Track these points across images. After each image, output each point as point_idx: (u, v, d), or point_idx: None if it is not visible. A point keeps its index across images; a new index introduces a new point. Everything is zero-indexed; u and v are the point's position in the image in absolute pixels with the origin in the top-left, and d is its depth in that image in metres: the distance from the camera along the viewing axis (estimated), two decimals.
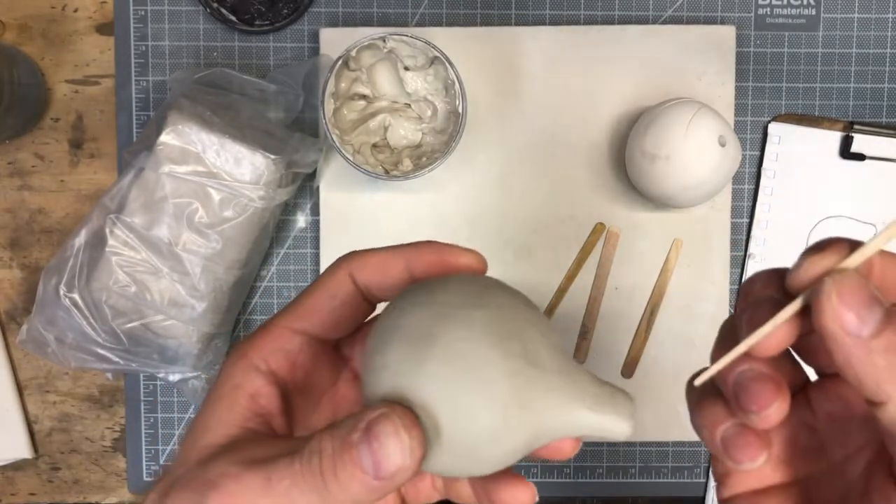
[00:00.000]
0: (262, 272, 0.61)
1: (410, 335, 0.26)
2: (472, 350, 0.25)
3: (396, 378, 0.25)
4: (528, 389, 0.26)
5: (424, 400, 0.25)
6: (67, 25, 0.61)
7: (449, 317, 0.26)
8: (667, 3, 0.60)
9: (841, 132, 0.60)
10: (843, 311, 0.23)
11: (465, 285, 0.27)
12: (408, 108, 0.58)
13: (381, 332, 0.26)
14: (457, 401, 0.25)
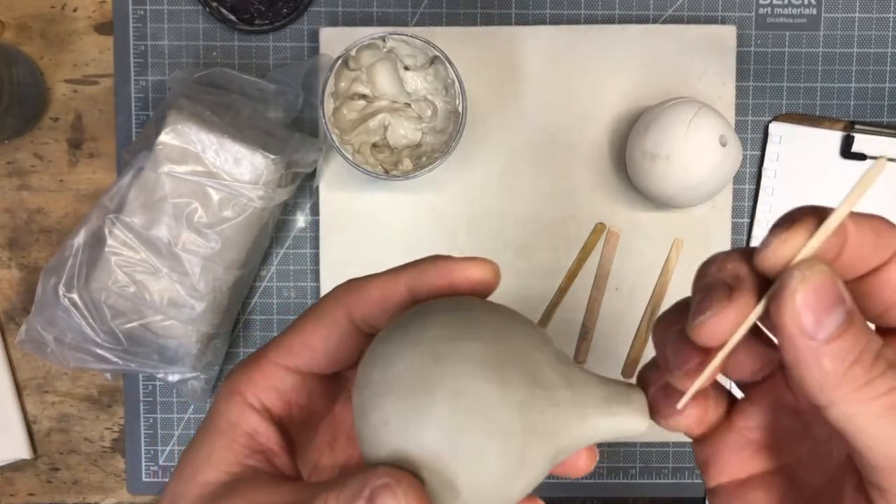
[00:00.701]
0: (262, 272, 0.61)
1: (406, 385, 0.24)
2: (474, 390, 0.24)
3: (398, 436, 0.24)
4: (539, 415, 0.24)
5: (432, 455, 0.23)
6: (67, 25, 0.61)
7: (442, 356, 0.24)
8: (667, 3, 0.60)
9: (842, 132, 0.60)
10: (803, 312, 0.22)
11: (450, 315, 0.25)
12: (408, 108, 0.58)
13: (374, 384, 0.25)
14: (468, 449, 0.23)
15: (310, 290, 0.61)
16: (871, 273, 0.25)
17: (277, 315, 0.61)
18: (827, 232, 0.23)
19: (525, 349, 0.25)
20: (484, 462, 0.23)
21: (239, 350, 0.61)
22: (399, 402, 0.24)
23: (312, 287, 0.61)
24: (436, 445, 0.23)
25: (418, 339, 0.25)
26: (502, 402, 0.24)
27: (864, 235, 0.24)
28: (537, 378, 0.25)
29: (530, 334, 0.26)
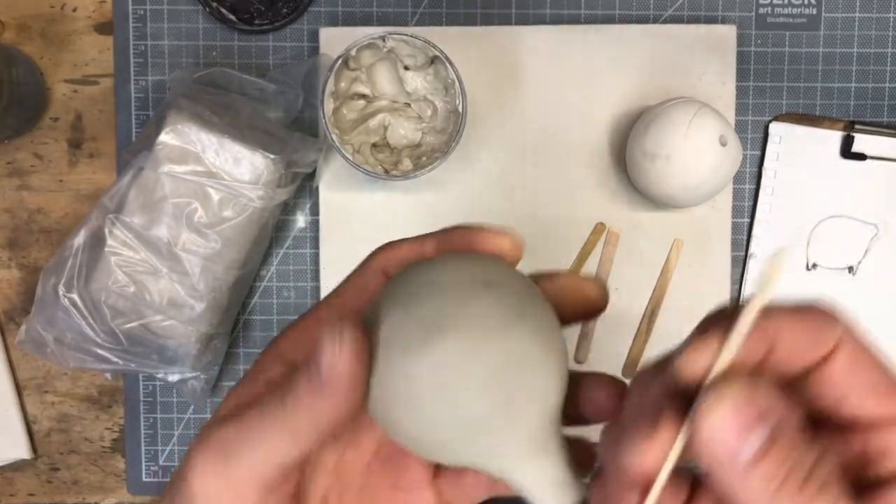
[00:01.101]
0: (262, 272, 0.61)
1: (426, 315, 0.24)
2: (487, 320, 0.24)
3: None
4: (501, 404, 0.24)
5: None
6: (66, 25, 0.61)
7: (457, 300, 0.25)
8: (667, 3, 0.60)
9: (842, 132, 0.60)
10: (722, 435, 0.21)
11: (472, 264, 0.26)
12: (407, 108, 0.58)
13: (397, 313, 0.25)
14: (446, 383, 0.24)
15: (310, 290, 0.61)
16: (814, 367, 0.23)
17: (277, 315, 0.61)
18: (738, 339, 0.22)
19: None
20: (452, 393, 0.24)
21: (239, 350, 0.61)
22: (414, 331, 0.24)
23: (312, 287, 0.61)
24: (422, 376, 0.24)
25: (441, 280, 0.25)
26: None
27: (797, 331, 0.23)
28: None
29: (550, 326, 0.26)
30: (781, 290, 0.22)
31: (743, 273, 0.61)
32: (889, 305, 0.60)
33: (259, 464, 0.25)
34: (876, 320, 0.60)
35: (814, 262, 0.60)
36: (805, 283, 0.60)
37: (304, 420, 0.25)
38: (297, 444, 0.25)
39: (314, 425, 0.25)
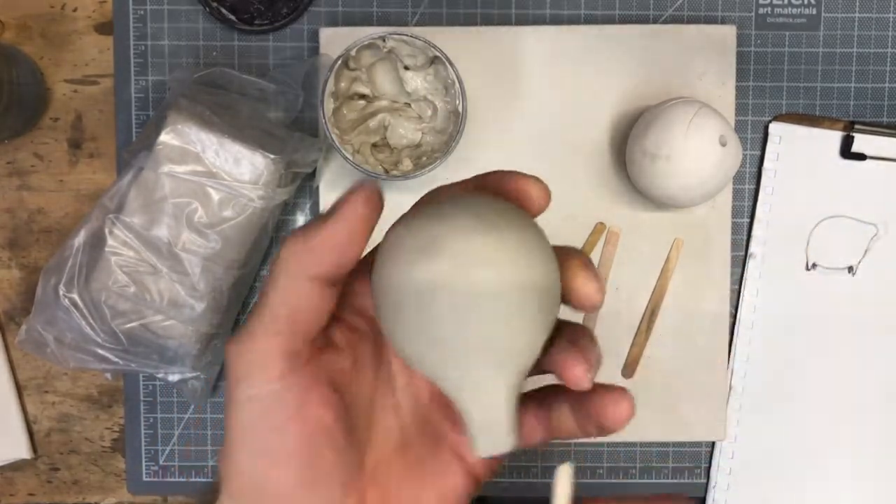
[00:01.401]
0: (262, 272, 0.61)
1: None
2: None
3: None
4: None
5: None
6: (66, 25, 0.61)
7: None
8: (667, 3, 0.60)
9: (842, 132, 0.60)
10: None
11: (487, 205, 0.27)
12: (408, 108, 0.58)
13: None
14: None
15: None
16: None
17: None
18: None
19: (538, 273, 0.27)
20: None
21: None
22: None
23: None
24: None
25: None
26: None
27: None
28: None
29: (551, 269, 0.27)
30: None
31: (743, 273, 0.61)
32: (889, 305, 0.60)
33: (274, 322, 0.27)
34: (876, 320, 0.60)
35: (813, 262, 0.60)
36: (805, 283, 0.61)
37: (317, 250, 0.27)
38: (309, 282, 0.27)
39: (326, 256, 0.27)
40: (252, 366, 0.27)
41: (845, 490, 0.61)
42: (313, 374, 0.28)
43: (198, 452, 0.62)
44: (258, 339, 0.27)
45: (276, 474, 0.27)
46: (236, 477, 0.28)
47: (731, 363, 0.61)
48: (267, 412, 0.27)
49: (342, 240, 0.27)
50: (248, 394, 0.27)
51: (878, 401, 0.61)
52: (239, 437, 0.27)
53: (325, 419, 0.28)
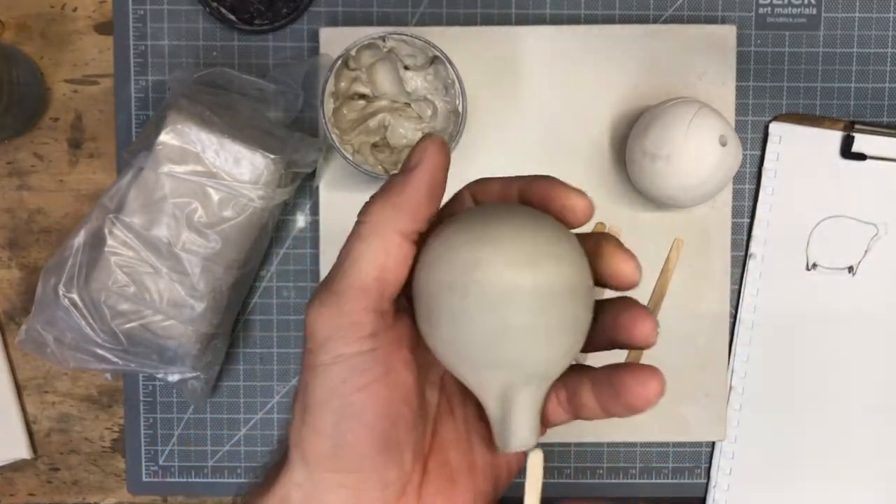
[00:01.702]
0: (262, 272, 0.61)
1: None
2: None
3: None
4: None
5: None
6: (66, 25, 0.61)
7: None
8: (667, 3, 0.60)
9: (842, 132, 0.60)
10: None
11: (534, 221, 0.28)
12: (407, 108, 0.58)
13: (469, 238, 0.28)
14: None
15: (309, 290, 0.61)
16: None
17: (277, 315, 0.61)
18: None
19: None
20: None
21: (239, 350, 0.61)
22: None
23: (312, 287, 0.61)
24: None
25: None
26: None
27: None
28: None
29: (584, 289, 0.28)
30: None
31: (743, 273, 0.61)
32: (889, 305, 0.60)
33: (363, 281, 0.27)
34: (876, 320, 0.60)
35: (814, 262, 0.60)
36: (805, 283, 0.60)
37: (404, 206, 0.28)
38: (399, 238, 0.28)
39: (412, 210, 0.28)
40: (341, 326, 0.27)
41: (845, 490, 0.61)
42: (397, 336, 0.29)
43: (197, 453, 0.62)
44: (347, 299, 0.27)
45: (356, 438, 0.27)
46: (316, 441, 0.28)
47: (731, 363, 0.61)
48: (354, 373, 0.27)
49: (425, 192, 0.28)
50: (334, 354, 0.27)
51: (878, 401, 0.61)
52: (323, 399, 0.27)
53: (407, 382, 0.29)
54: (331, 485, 0.28)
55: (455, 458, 0.31)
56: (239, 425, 0.62)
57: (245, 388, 0.61)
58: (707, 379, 0.60)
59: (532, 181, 0.30)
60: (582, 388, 0.30)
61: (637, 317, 0.28)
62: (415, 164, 0.29)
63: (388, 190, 0.29)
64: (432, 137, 0.29)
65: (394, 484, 0.28)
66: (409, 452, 0.29)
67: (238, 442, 0.62)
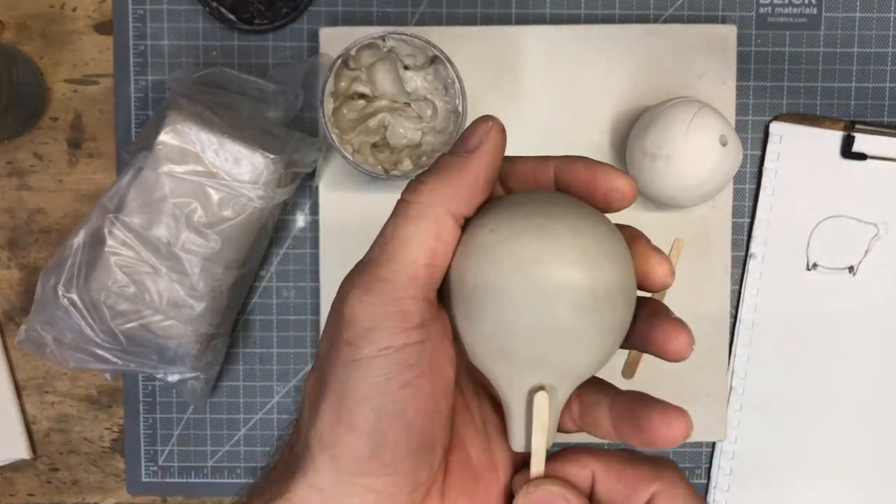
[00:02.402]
0: (262, 272, 0.61)
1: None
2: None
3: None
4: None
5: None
6: (66, 24, 0.61)
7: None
8: (668, 2, 0.60)
9: (842, 132, 0.60)
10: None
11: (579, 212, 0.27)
12: (407, 108, 0.58)
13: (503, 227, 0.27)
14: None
15: (309, 290, 0.61)
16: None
17: (277, 315, 0.61)
18: (536, 461, 0.27)
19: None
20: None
21: (239, 350, 0.61)
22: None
23: (312, 287, 0.61)
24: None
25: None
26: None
27: (611, 482, 0.27)
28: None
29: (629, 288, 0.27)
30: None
31: (743, 273, 0.61)
32: (889, 305, 0.60)
33: (412, 267, 0.26)
34: (876, 320, 0.60)
35: (814, 262, 0.60)
36: (805, 283, 0.60)
37: (460, 186, 0.26)
38: (452, 221, 0.26)
39: (469, 192, 0.26)
40: (389, 316, 0.25)
41: (845, 490, 0.61)
42: (443, 328, 0.27)
43: (197, 453, 0.62)
44: (396, 286, 0.25)
45: (396, 438, 0.25)
46: (352, 442, 0.25)
47: (731, 363, 0.61)
48: (401, 368, 0.25)
49: (485, 175, 0.27)
50: (380, 347, 0.25)
51: (878, 401, 0.61)
52: (364, 396, 0.25)
53: (449, 377, 0.27)
54: (358, 489, 0.26)
55: (475, 455, 0.29)
56: (239, 425, 0.62)
57: (245, 388, 0.61)
58: (707, 379, 0.60)
59: (570, 163, 0.28)
60: (598, 408, 0.29)
61: (672, 331, 0.27)
62: (477, 145, 0.27)
63: (444, 169, 0.26)
64: (494, 119, 0.27)
65: (422, 485, 0.27)
66: (439, 452, 0.27)
67: (238, 442, 0.62)
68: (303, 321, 0.61)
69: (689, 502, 0.26)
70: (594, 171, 0.28)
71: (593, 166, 0.28)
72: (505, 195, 0.28)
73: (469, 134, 0.27)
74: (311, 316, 0.61)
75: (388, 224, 0.26)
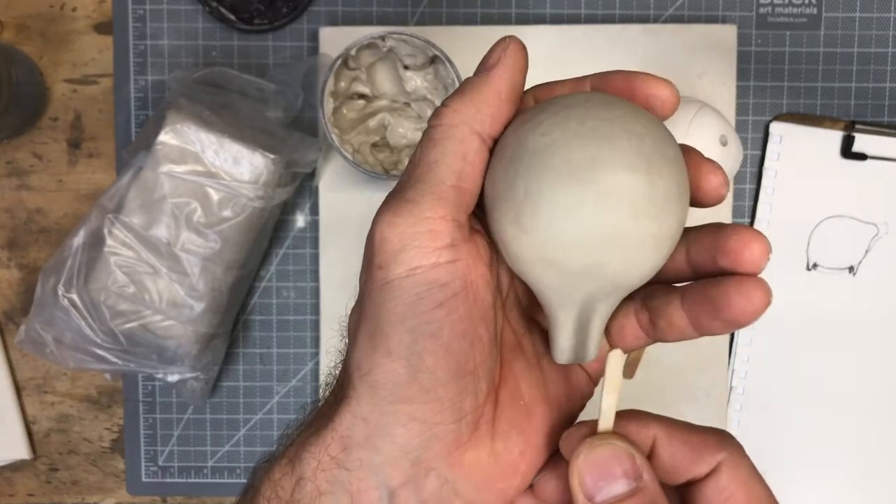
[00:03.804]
0: (261, 272, 0.61)
1: (562, 165, 0.25)
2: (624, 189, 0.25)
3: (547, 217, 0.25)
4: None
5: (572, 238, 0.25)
6: (66, 24, 0.61)
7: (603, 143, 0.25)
8: (668, 2, 0.60)
9: (842, 132, 0.60)
10: (583, 475, 0.25)
11: (622, 108, 0.26)
12: (407, 108, 0.58)
13: (530, 151, 0.26)
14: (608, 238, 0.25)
15: (309, 290, 0.61)
16: (696, 483, 0.26)
17: (277, 315, 0.61)
18: (606, 416, 0.26)
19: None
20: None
21: (239, 350, 0.61)
22: (556, 182, 0.24)
23: (312, 287, 0.61)
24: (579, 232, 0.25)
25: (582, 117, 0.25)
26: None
27: (675, 447, 0.26)
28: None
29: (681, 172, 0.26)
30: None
31: None
32: (889, 305, 0.60)
33: (440, 187, 0.25)
34: (876, 320, 0.60)
35: (814, 262, 0.60)
36: (805, 283, 0.60)
37: (484, 105, 0.26)
38: (478, 141, 0.26)
39: (493, 110, 0.26)
40: (417, 235, 0.25)
41: (845, 490, 0.61)
42: (476, 250, 0.26)
43: (197, 453, 0.62)
44: (424, 206, 0.25)
45: (435, 361, 0.25)
46: (389, 366, 0.25)
47: (731, 363, 0.61)
48: (432, 288, 0.25)
49: (507, 91, 0.26)
50: (410, 267, 0.25)
51: (877, 401, 0.61)
52: (398, 318, 0.25)
53: (486, 300, 0.26)
54: (401, 417, 0.25)
55: (527, 389, 0.28)
56: (238, 425, 0.61)
57: (245, 388, 0.61)
58: (707, 379, 0.60)
59: (606, 76, 0.27)
60: (669, 308, 0.27)
61: (748, 236, 0.25)
62: (495, 62, 0.27)
63: (466, 89, 0.26)
64: (512, 36, 0.27)
65: (468, 415, 0.26)
66: (484, 380, 0.26)
67: (238, 442, 0.62)
68: (303, 321, 0.61)
69: (752, 476, 0.26)
70: (632, 79, 0.27)
71: (632, 75, 0.27)
72: (553, 98, 0.27)
73: (488, 54, 0.27)
74: (311, 316, 0.61)
75: (416, 150, 0.26)
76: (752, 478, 0.26)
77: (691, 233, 0.27)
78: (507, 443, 0.27)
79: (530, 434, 0.28)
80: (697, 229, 0.27)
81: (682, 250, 0.27)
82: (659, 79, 0.27)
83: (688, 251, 0.27)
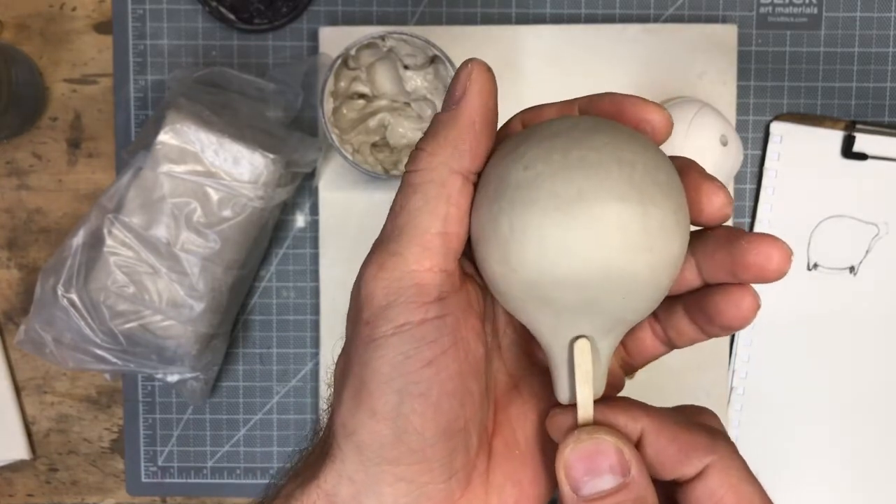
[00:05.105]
0: (261, 272, 0.61)
1: (548, 196, 0.24)
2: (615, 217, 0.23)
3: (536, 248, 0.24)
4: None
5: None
6: (65, 24, 0.60)
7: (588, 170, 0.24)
8: (668, 2, 0.60)
9: (843, 131, 0.60)
10: (570, 467, 0.24)
11: (607, 131, 0.24)
12: (407, 107, 0.58)
13: (513, 185, 0.24)
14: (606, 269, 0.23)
15: (309, 290, 0.61)
16: (685, 483, 0.25)
17: (277, 315, 0.61)
18: (584, 407, 0.25)
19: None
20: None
21: (239, 350, 0.61)
22: (544, 215, 0.23)
23: (312, 287, 0.61)
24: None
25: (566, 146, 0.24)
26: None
27: (662, 445, 0.25)
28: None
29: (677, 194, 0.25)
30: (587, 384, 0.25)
31: None
32: (890, 305, 0.60)
33: (425, 237, 0.24)
34: (876, 320, 0.60)
35: (815, 262, 0.60)
36: (806, 284, 0.60)
37: (458, 141, 0.25)
38: (460, 180, 0.25)
39: (469, 144, 0.25)
40: (403, 290, 0.24)
41: (846, 490, 0.61)
42: (466, 301, 0.25)
43: (197, 453, 0.62)
44: (409, 258, 0.24)
45: (422, 422, 0.24)
46: (375, 428, 0.24)
47: (732, 363, 0.61)
48: (420, 345, 0.24)
49: (481, 122, 0.25)
50: (397, 324, 0.24)
51: (877, 401, 0.61)
52: (384, 378, 0.24)
53: (478, 354, 0.25)
54: (387, 477, 0.24)
55: (523, 436, 0.27)
56: (238, 426, 0.61)
57: (244, 388, 0.61)
58: (707, 379, 0.60)
59: (595, 98, 0.26)
60: (675, 318, 0.27)
61: (770, 245, 0.25)
62: (461, 93, 0.25)
63: (438, 128, 0.25)
64: (474, 60, 0.26)
65: (459, 472, 0.25)
66: (475, 434, 0.26)
67: (237, 442, 0.62)
68: (303, 321, 0.61)
69: (743, 479, 0.25)
70: (621, 103, 0.25)
71: (620, 98, 0.26)
72: (536, 124, 0.26)
73: (453, 85, 0.26)
74: (311, 316, 0.61)
75: (397, 197, 0.25)
76: (744, 481, 0.25)
77: (699, 245, 0.26)
78: (502, 495, 0.26)
79: (526, 485, 0.27)
80: (705, 240, 0.26)
81: (692, 267, 0.26)
82: (650, 103, 0.25)
83: (699, 267, 0.26)
